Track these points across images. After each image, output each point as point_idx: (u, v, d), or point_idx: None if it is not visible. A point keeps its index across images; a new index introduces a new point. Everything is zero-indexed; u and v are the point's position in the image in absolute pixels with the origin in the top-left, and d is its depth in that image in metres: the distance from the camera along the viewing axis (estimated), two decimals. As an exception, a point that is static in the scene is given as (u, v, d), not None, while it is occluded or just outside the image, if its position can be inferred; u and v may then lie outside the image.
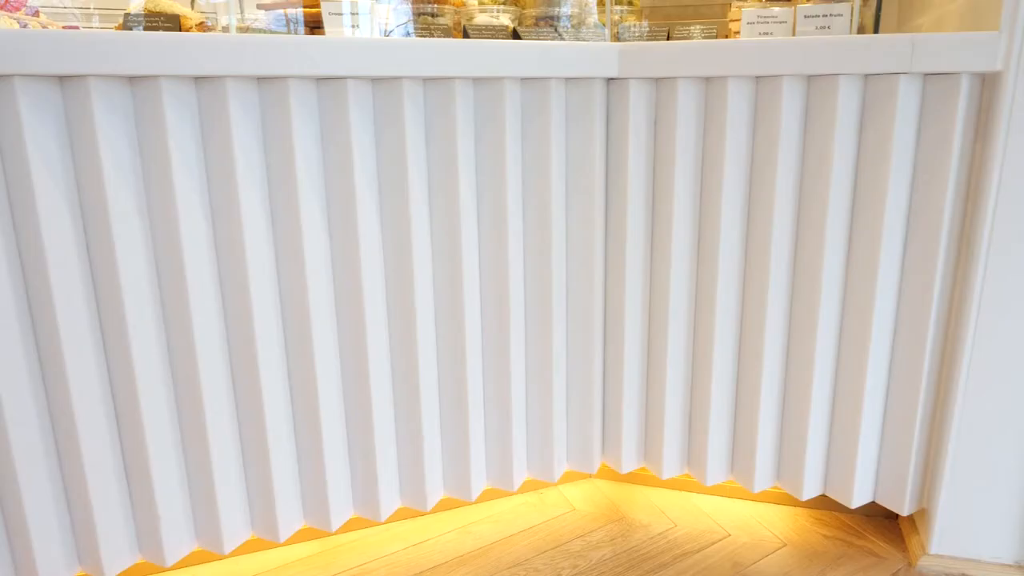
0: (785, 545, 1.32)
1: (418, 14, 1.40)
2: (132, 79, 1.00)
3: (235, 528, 1.19)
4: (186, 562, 1.27)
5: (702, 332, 1.31)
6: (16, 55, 0.90)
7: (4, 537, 1.06)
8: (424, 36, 1.33)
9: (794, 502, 1.45)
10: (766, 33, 1.31)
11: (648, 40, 1.38)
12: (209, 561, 1.28)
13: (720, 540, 1.34)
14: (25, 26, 1.23)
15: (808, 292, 1.22)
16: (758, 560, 1.28)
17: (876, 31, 1.34)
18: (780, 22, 1.32)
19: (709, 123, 1.22)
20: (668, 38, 1.39)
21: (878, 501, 1.29)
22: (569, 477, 1.56)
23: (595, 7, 1.52)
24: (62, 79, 0.97)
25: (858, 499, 1.27)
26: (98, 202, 1.00)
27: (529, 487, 1.53)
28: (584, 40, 1.47)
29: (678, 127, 1.22)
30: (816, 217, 1.18)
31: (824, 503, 1.43)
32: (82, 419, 1.05)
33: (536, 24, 1.50)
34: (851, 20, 1.27)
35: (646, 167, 1.28)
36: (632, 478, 1.56)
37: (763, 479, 1.33)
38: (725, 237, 1.24)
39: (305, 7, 1.51)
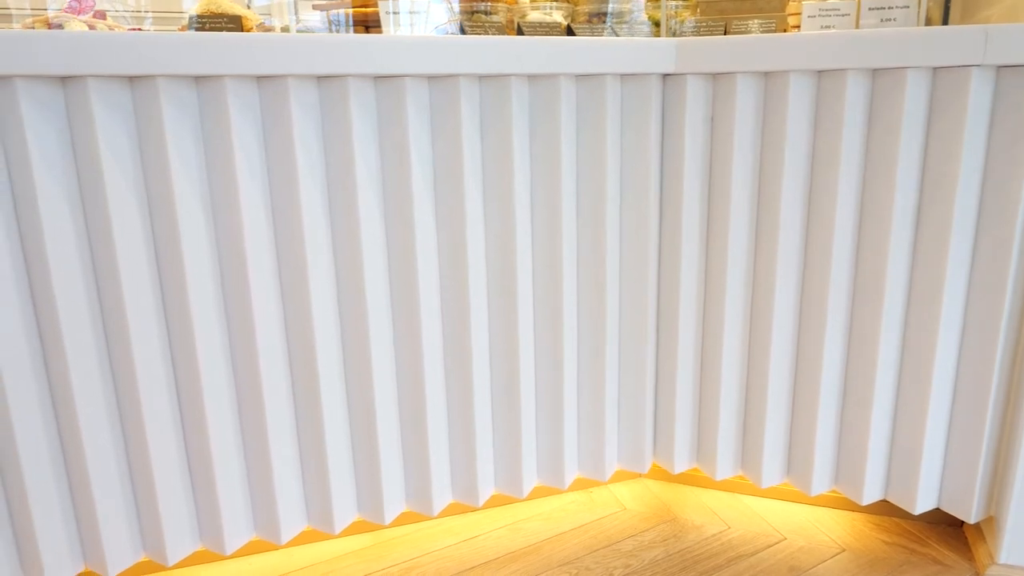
0: (844, 551, 1.29)
1: (471, 12, 1.41)
2: (198, 79, 1.02)
3: (292, 519, 1.21)
4: (244, 551, 1.29)
5: (759, 332, 1.28)
6: (89, 57, 0.93)
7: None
8: (478, 34, 1.33)
9: (852, 507, 1.41)
10: (828, 27, 1.28)
11: (704, 36, 1.36)
12: (265, 551, 1.31)
13: (776, 543, 1.31)
14: (92, 28, 1.27)
15: (871, 292, 1.18)
16: (816, 565, 1.25)
17: (946, 23, 1.30)
18: (842, 15, 1.29)
19: (768, 119, 1.20)
20: (725, 33, 1.36)
21: (943, 508, 1.25)
22: (618, 476, 1.55)
23: (644, 2, 1.51)
24: (132, 79, 0.99)
25: (922, 505, 1.24)
26: (166, 197, 1.03)
27: (578, 486, 1.52)
28: (636, 36, 1.45)
29: (736, 123, 1.20)
30: (880, 217, 1.15)
31: (884, 508, 1.39)
32: (149, 415, 1.08)
33: (588, 20, 1.49)
34: (918, 12, 1.23)
35: (702, 164, 1.26)
36: (682, 478, 1.54)
37: (821, 482, 1.30)
38: (784, 237, 1.21)
39: (356, 7, 1.53)
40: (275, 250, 1.11)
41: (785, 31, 1.40)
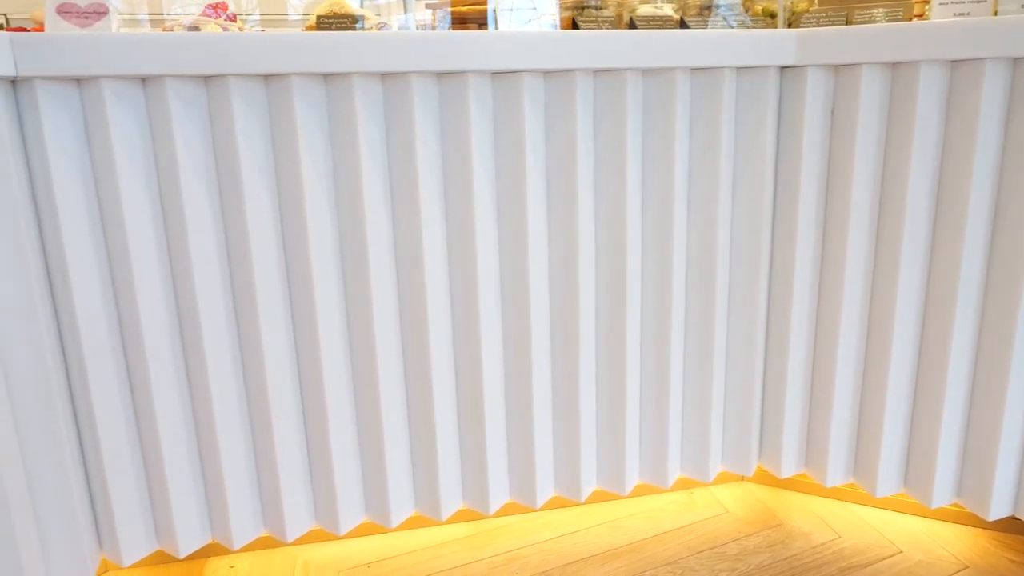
0: (966, 567, 1.22)
1: (582, 7, 1.41)
2: (327, 76, 1.06)
3: (401, 504, 1.25)
4: (356, 532, 1.34)
5: (878, 334, 1.23)
6: (228, 56, 0.98)
7: (205, 497, 1.17)
8: (591, 28, 1.33)
9: (974, 522, 1.34)
10: (961, 14, 1.22)
11: (823, 27, 1.31)
12: (376, 533, 1.35)
13: (891, 556, 1.26)
14: (226, 30, 1.34)
15: (1003, 295, 1.12)
16: (936, 580, 1.19)
17: (1095, 7, 1.21)
18: (977, 2, 1.22)
19: (895, 112, 1.15)
20: (847, 23, 1.31)
21: (1081, 528, 1.17)
22: (719, 479, 1.52)
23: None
24: (267, 78, 1.05)
25: (1057, 524, 1.16)
26: (295, 189, 1.07)
27: (678, 486, 1.50)
28: (750, 27, 1.42)
29: (860, 117, 1.15)
30: (1018, 216, 1.08)
31: (1011, 526, 1.31)
32: (275, 404, 1.13)
33: (700, 13, 1.47)
34: (1065, -4, 1.15)
35: (820, 160, 1.22)
36: (787, 484, 1.49)
37: (942, 495, 1.24)
38: (908, 235, 1.16)
39: (468, 5, 1.55)
40: (393, 243, 1.15)
41: (910, 20, 1.34)
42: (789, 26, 1.38)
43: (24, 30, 1.24)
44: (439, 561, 1.28)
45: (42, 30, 1.21)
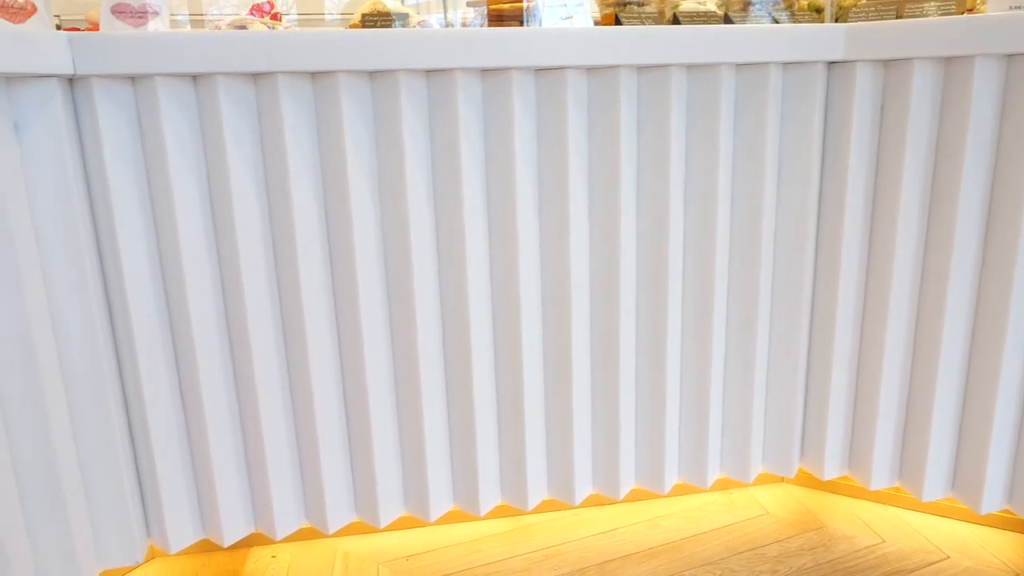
0: (1018, 575, 1.19)
1: (624, 3, 1.40)
2: (372, 74, 1.07)
3: (440, 499, 1.25)
4: (395, 526, 1.36)
5: (926, 334, 1.21)
6: (278, 54, 1.00)
7: (247, 489, 1.20)
8: (634, 25, 1.33)
9: (1025, 529, 1.30)
10: (1018, 7, 1.18)
11: (873, 21, 1.29)
12: (415, 527, 1.37)
13: (938, 562, 1.23)
14: (271, 28, 1.36)
15: (1062, 296, 1.09)
16: (985, 588, 1.17)
17: None
18: (1035, -6, 1.18)
19: (947, 108, 1.12)
20: (896, 17, 1.29)
21: None
22: (759, 480, 1.50)
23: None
24: (314, 75, 1.06)
25: (1114, 532, 1.12)
26: (341, 184, 1.09)
27: (716, 487, 1.49)
28: (797, 23, 1.40)
29: (911, 113, 1.13)
30: (1078, 212, 1.05)
31: (1064, 533, 1.27)
32: (319, 397, 1.15)
33: (744, 8, 1.45)
34: None
35: (868, 157, 1.19)
36: (829, 486, 1.47)
37: (992, 500, 1.21)
38: (959, 236, 1.13)
39: (507, 2, 1.56)
40: (436, 239, 1.15)
41: (962, 14, 1.31)
42: (836, 21, 1.36)
43: (77, 30, 1.27)
44: (477, 556, 1.29)
45: (95, 30, 1.24)
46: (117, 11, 1.09)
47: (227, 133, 1.03)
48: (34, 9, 1.04)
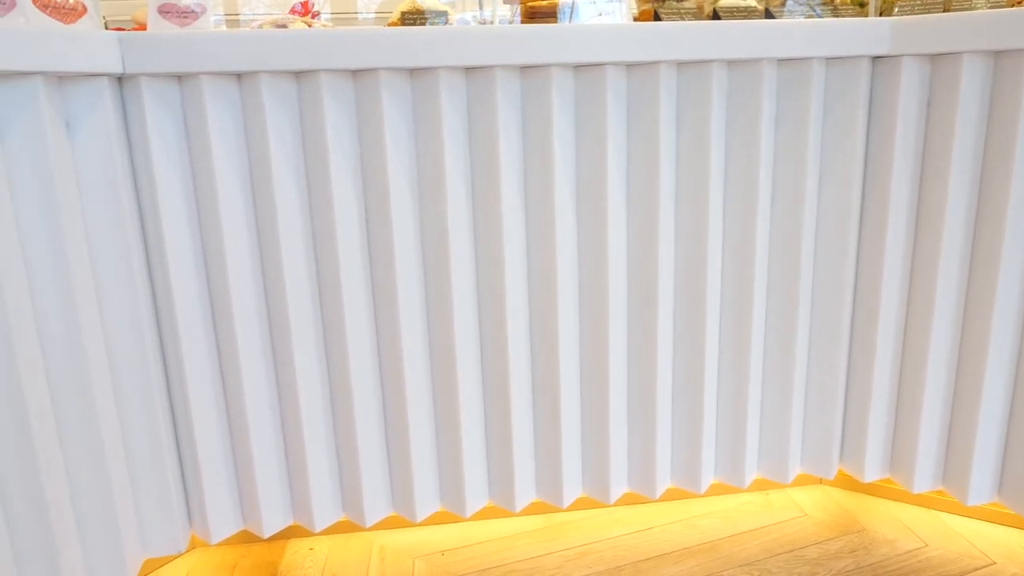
0: (1067, 583, 1.16)
1: (662, -1, 1.39)
2: (412, 71, 1.08)
3: (476, 494, 1.26)
4: (431, 520, 1.37)
5: (972, 335, 1.18)
6: (320, 53, 1.01)
7: (286, 481, 1.22)
8: (673, 20, 1.32)
9: (1075, 536, 1.27)
10: (1072, -1, 1.15)
11: (919, 14, 1.26)
12: (450, 522, 1.37)
13: (983, 567, 1.20)
14: (311, 27, 1.38)
15: (1118, 296, 1.05)
16: (1033, 595, 1.14)
17: None
18: (1090, -15, 1.15)
19: (997, 104, 1.09)
20: (944, 11, 1.26)
21: None
22: (796, 481, 1.48)
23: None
24: (355, 73, 1.07)
25: None
26: (380, 181, 1.10)
27: (753, 487, 1.47)
28: (839, 17, 1.38)
29: (959, 108, 1.10)
30: None
31: (1116, 541, 1.24)
32: (357, 394, 1.16)
33: (784, 2, 1.43)
34: None
35: (914, 154, 1.17)
36: (868, 488, 1.45)
37: (1041, 505, 1.18)
38: (1008, 236, 1.10)
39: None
40: (474, 237, 1.16)
41: (1012, 7, 1.27)
42: (880, 15, 1.33)
43: (122, 30, 1.30)
44: (511, 552, 1.29)
45: (140, 30, 1.27)
46: (163, 11, 1.11)
47: (270, 130, 1.05)
48: (84, 10, 1.06)
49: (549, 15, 1.62)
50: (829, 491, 1.47)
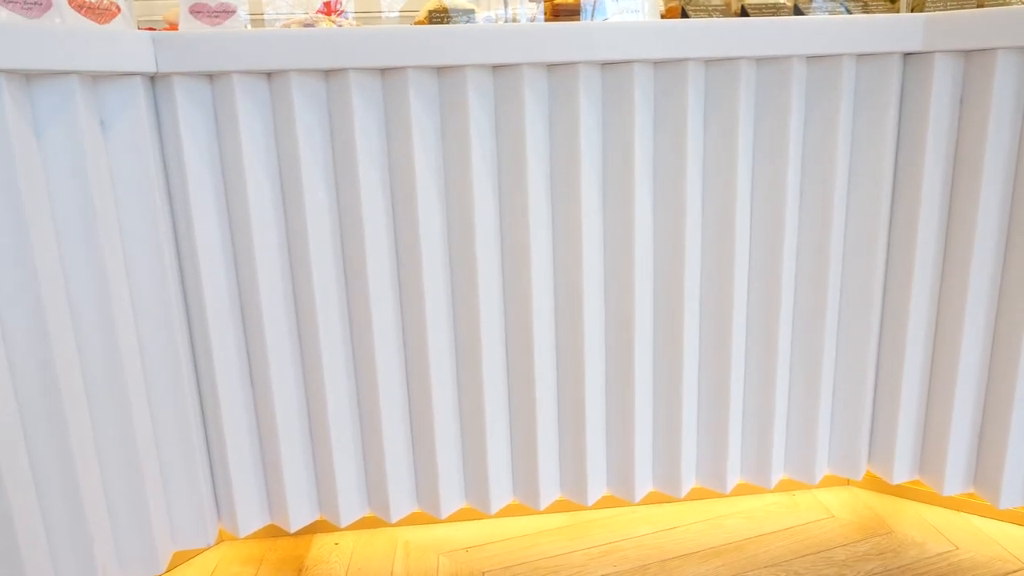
0: (1102, 588, 1.14)
1: (689, -4, 1.38)
2: (440, 69, 1.08)
3: (500, 492, 1.26)
4: (456, 517, 1.37)
5: (1004, 336, 1.16)
6: (350, 51, 1.02)
7: (313, 478, 1.23)
8: (701, 17, 1.31)
9: (1110, 540, 1.24)
10: (1111, -7, 1.13)
11: (952, 9, 1.24)
12: (475, 519, 1.38)
13: (1015, 572, 1.19)
14: (339, 26, 1.39)
15: None
16: (1068, 600, 1.12)
17: None
18: None
19: (1034, 99, 1.08)
20: (977, 6, 1.24)
21: None
22: (823, 482, 1.47)
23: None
24: (383, 72, 1.08)
25: None
26: (408, 180, 1.10)
27: (779, 488, 1.46)
28: (868, 12, 1.36)
29: (993, 106, 1.09)
30: None
31: None
32: (383, 391, 1.17)
33: (812, -1, 1.41)
34: None
35: (945, 152, 1.15)
36: (896, 490, 1.43)
37: (1075, 509, 1.16)
38: (1046, 229, 1.09)
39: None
40: (500, 234, 1.16)
41: (1048, 2, 1.25)
42: (912, 10, 1.31)
43: (153, 30, 1.32)
44: (536, 550, 1.29)
45: (172, 30, 1.28)
46: (195, 11, 1.12)
47: (299, 128, 1.06)
48: (118, 10, 1.08)
49: (573, 12, 1.62)
50: (856, 492, 1.45)
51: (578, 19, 1.56)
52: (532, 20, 1.55)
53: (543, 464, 1.25)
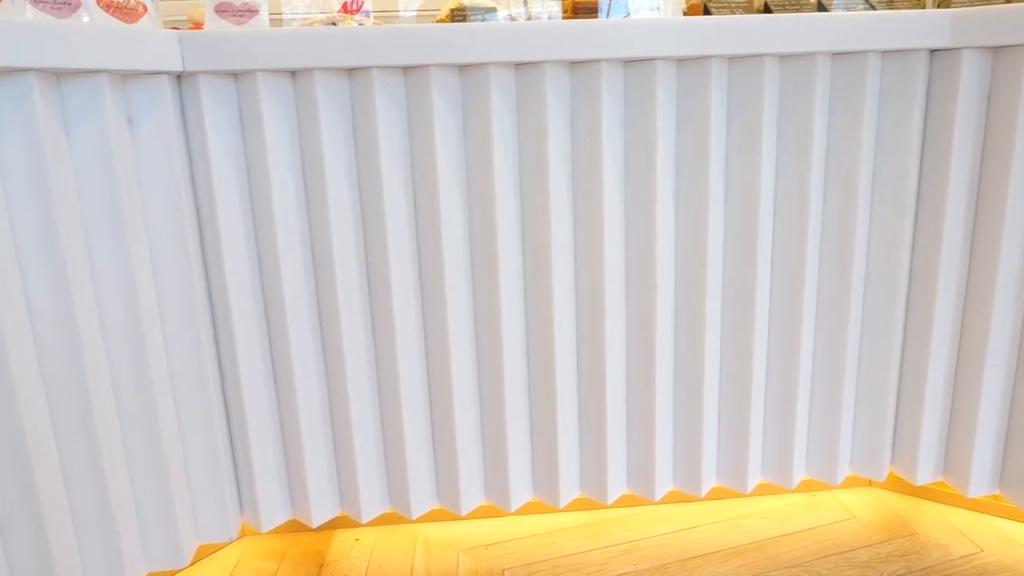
0: None
1: (712, -7, 1.37)
2: (462, 67, 1.09)
3: (520, 490, 1.26)
4: (476, 514, 1.38)
5: (1033, 336, 1.15)
6: (373, 49, 1.02)
7: (335, 474, 1.24)
8: (724, 14, 1.30)
9: None
10: None
11: (980, 5, 1.23)
12: (495, 516, 1.38)
13: (1042, 574, 1.17)
14: (361, 25, 1.39)
15: None
16: (1096, 604, 1.10)
17: None
18: None
19: (1064, 96, 1.06)
20: (1006, 2, 1.22)
21: None
22: (845, 483, 1.46)
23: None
24: (406, 69, 1.08)
25: None
26: (430, 178, 1.11)
27: (800, 488, 1.45)
28: (893, 8, 1.35)
29: (1021, 103, 1.07)
30: None
31: None
32: (405, 388, 1.18)
33: (836, -4, 1.40)
34: None
35: (972, 150, 1.14)
36: (918, 492, 1.42)
37: (1104, 512, 1.14)
38: (1075, 228, 1.07)
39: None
40: (521, 232, 1.16)
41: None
42: (939, 6, 1.30)
43: (178, 29, 1.33)
44: (555, 548, 1.29)
45: (196, 29, 1.29)
46: (220, 10, 1.13)
47: (323, 126, 1.06)
48: (145, 10, 1.09)
49: (593, 10, 1.62)
50: (877, 493, 1.44)
51: (596, 16, 1.56)
52: (551, 17, 1.55)
53: (563, 462, 1.25)
